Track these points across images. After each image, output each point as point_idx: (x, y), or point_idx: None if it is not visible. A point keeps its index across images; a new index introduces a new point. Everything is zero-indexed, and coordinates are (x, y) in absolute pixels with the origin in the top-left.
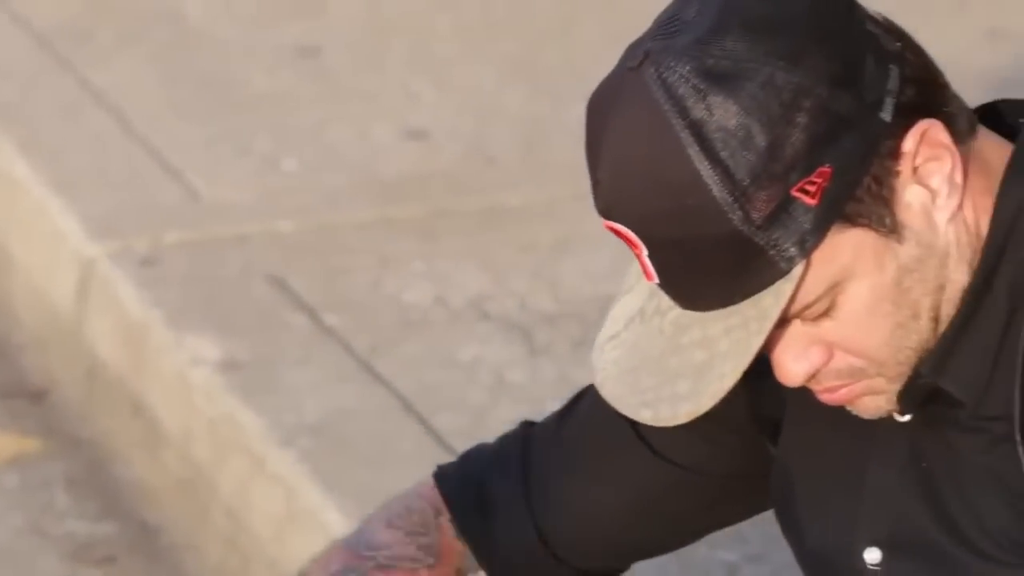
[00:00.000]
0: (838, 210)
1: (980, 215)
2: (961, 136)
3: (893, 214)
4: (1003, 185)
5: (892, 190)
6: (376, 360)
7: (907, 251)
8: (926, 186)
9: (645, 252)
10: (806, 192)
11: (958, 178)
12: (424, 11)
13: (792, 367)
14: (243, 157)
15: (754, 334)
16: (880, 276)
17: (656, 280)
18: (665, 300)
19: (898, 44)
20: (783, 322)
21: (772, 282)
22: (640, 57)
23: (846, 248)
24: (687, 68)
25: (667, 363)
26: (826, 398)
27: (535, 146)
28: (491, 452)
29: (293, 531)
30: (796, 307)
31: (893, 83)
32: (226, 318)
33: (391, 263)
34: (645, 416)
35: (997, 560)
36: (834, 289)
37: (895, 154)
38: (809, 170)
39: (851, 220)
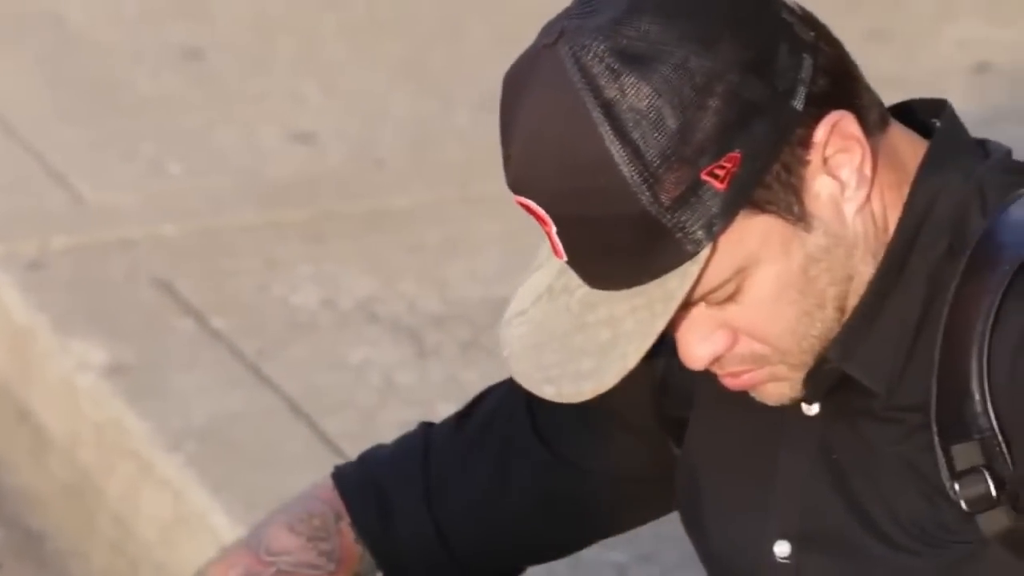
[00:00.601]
0: (746, 196)
1: (888, 208)
2: (872, 129)
3: (801, 203)
4: (917, 178)
5: (801, 179)
6: (264, 363)
7: (815, 240)
8: (835, 177)
9: (554, 229)
10: (715, 176)
11: (867, 170)
12: (310, 12)
13: (696, 350)
14: (128, 161)
15: (659, 315)
16: (787, 264)
17: (565, 258)
18: (574, 278)
19: (812, 34)
20: (688, 304)
21: (678, 264)
22: (555, 35)
23: (753, 234)
24: (601, 48)
25: (572, 341)
26: (729, 383)
27: (423, 148)
28: (389, 453)
29: (180, 535)
30: (701, 290)
31: (806, 72)
32: (112, 322)
33: (278, 266)
34: (548, 392)
35: (908, 550)
36: (740, 274)
37: (805, 143)
38: (719, 155)
39: (759, 206)
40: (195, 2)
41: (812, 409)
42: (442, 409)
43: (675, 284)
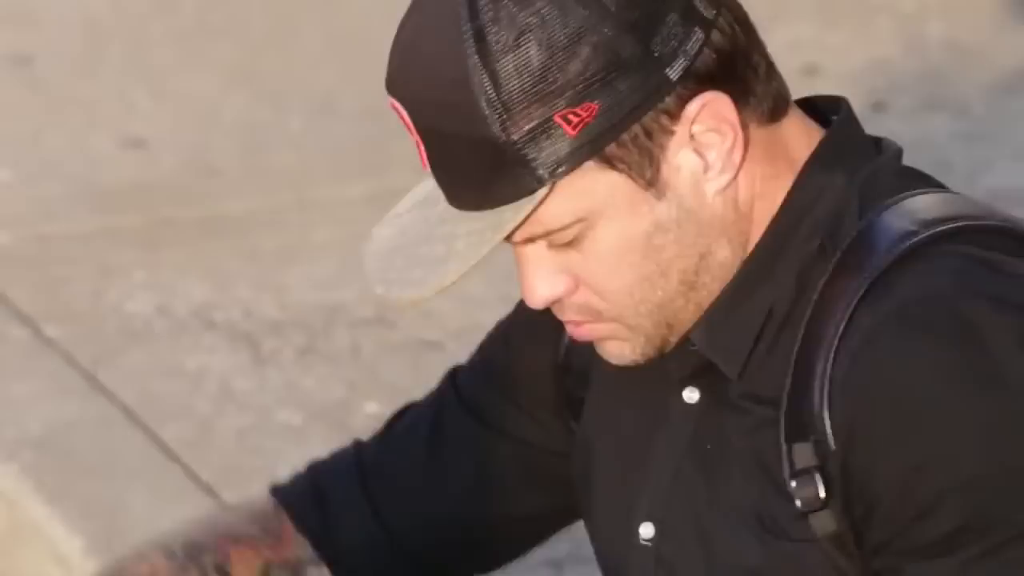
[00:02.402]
0: (596, 148)
1: (758, 199)
2: (758, 118)
3: (657, 170)
4: (802, 174)
5: (662, 148)
6: (99, 371)
7: (665, 209)
8: (700, 155)
9: (420, 138)
10: (568, 121)
11: (736, 157)
12: (139, 17)
13: (536, 286)
14: None
15: (485, 242)
16: (631, 224)
17: (427, 169)
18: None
19: (714, 12)
20: (529, 241)
21: (517, 198)
22: None
23: (600, 188)
24: None
25: (417, 250)
26: (571, 331)
27: (257, 153)
28: (323, 461)
29: (16, 545)
30: (538, 229)
31: (693, 46)
32: None
33: (112, 273)
34: (378, 291)
35: (755, 542)
36: (582, 223)
37: (674, 114)
38: (576, 102)
39: (610, 162)
40: (23, 8)
41: (693, 397)
42: (280, 414)
43: (508, 216)
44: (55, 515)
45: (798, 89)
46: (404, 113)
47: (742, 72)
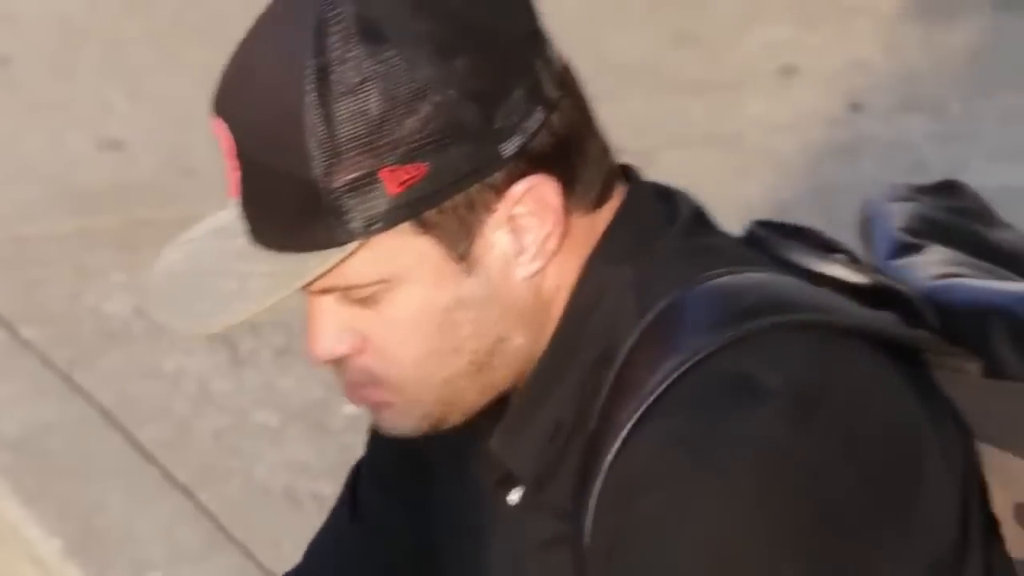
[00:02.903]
0: (416, 211)
1: (561, 291)
2: (584, 207)
3: (471, 244)
4: (584, 270)
5: (481, 222)
6: (76, 372)
7: (471, 287)
8: (516, 237)
9: (234, 165)
10: (393, 178)
11: (551, 245)
12: (115, 18)
13: (320, 340)
14: None
15: (282, 286)
16: (434, 296)
17: (236, 198)
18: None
19: (559, 94)
20: (326, 292)
21: (325, 247)
22: None
23: (411, 251)
24: (350, 10)
25: (206, 281)
26: (348, 394)
27: None
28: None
29: None
30: (340, 283)
31: (531, 124)
32: None
33: (90, 275)
34: (158, 318)
35: None
36: (385, 284)
37: (500, 191)
38: (406, 159)
39: (427, 228)
40: None
41: (514, 498)
42: (257, 416)
43: (313, 264)
44: (32, 517)
45: (775, 90)
46: (226, 136)
47: (575, 159)
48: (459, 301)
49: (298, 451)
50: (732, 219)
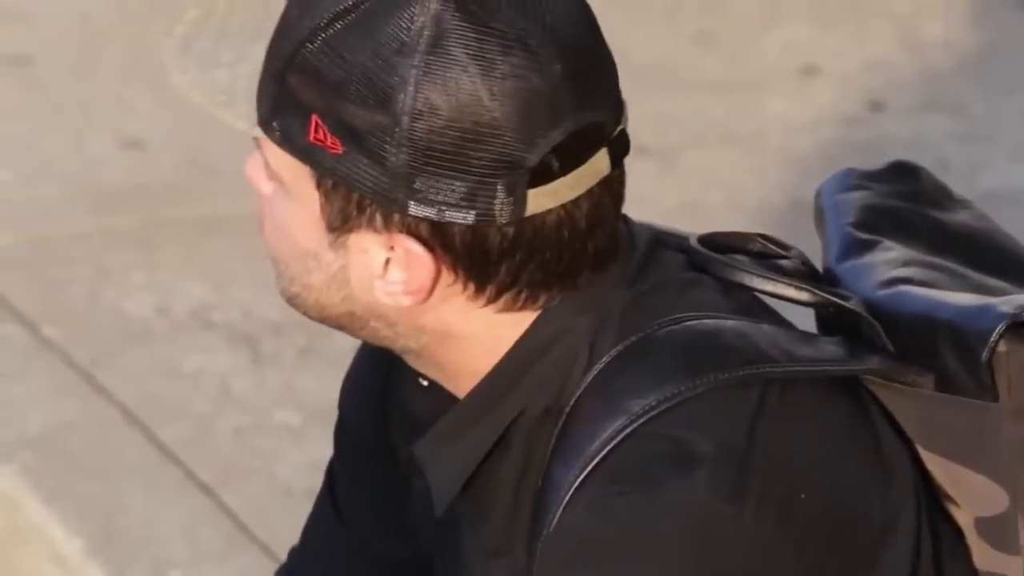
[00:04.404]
0: (315, 168)
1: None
2: (498, 306)
3: (347, 233)
4: (540, 316)
5: (360, 227)
6: (98, 372)
7: (329, 258)
8: (386, 266)
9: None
10: (315, 130)
11: (419, 299)
12: (138, 18)
13: (251, 163)
14: None
15: (253, 115)
16: (300, 233)
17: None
18: None
19: (517, 223)
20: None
21: (267, 112)
22: None
23: (304, 187)
24: (454, 15)
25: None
26: (258, 228)
27: None
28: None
29: (16, 546)
30: (266, 149)
31: (451, 216)
32: None
33: (110, 274)
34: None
35: None
36: (281, 187)
37: (388, 226)
38: (333, 129)
39: (319, 186)
40: (20, 8)
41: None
42: (278, 416)
43: (263, 112)
44: (54, 516)
45: (795, 89)
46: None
47: (496, 273)
48: (315, 257)
49: (319, 451)
50: (751, 219)
